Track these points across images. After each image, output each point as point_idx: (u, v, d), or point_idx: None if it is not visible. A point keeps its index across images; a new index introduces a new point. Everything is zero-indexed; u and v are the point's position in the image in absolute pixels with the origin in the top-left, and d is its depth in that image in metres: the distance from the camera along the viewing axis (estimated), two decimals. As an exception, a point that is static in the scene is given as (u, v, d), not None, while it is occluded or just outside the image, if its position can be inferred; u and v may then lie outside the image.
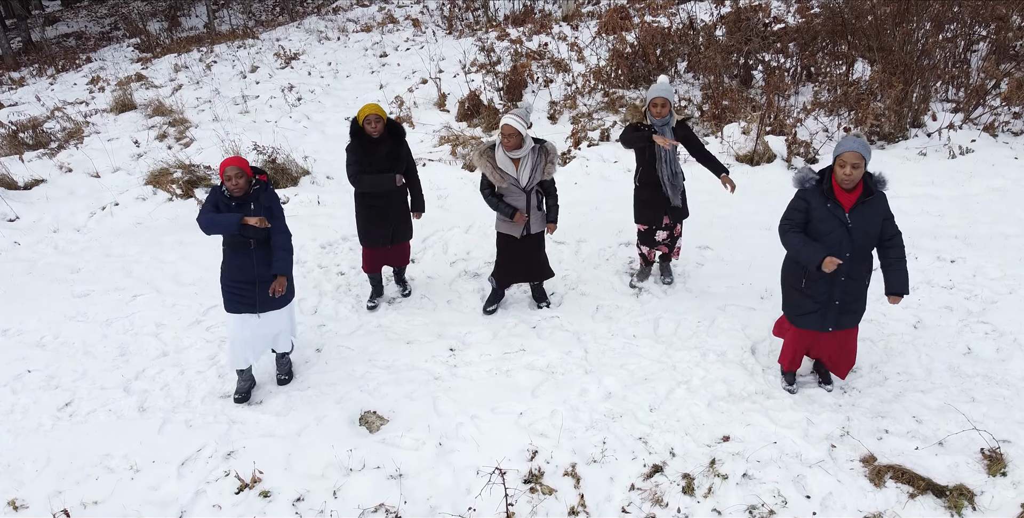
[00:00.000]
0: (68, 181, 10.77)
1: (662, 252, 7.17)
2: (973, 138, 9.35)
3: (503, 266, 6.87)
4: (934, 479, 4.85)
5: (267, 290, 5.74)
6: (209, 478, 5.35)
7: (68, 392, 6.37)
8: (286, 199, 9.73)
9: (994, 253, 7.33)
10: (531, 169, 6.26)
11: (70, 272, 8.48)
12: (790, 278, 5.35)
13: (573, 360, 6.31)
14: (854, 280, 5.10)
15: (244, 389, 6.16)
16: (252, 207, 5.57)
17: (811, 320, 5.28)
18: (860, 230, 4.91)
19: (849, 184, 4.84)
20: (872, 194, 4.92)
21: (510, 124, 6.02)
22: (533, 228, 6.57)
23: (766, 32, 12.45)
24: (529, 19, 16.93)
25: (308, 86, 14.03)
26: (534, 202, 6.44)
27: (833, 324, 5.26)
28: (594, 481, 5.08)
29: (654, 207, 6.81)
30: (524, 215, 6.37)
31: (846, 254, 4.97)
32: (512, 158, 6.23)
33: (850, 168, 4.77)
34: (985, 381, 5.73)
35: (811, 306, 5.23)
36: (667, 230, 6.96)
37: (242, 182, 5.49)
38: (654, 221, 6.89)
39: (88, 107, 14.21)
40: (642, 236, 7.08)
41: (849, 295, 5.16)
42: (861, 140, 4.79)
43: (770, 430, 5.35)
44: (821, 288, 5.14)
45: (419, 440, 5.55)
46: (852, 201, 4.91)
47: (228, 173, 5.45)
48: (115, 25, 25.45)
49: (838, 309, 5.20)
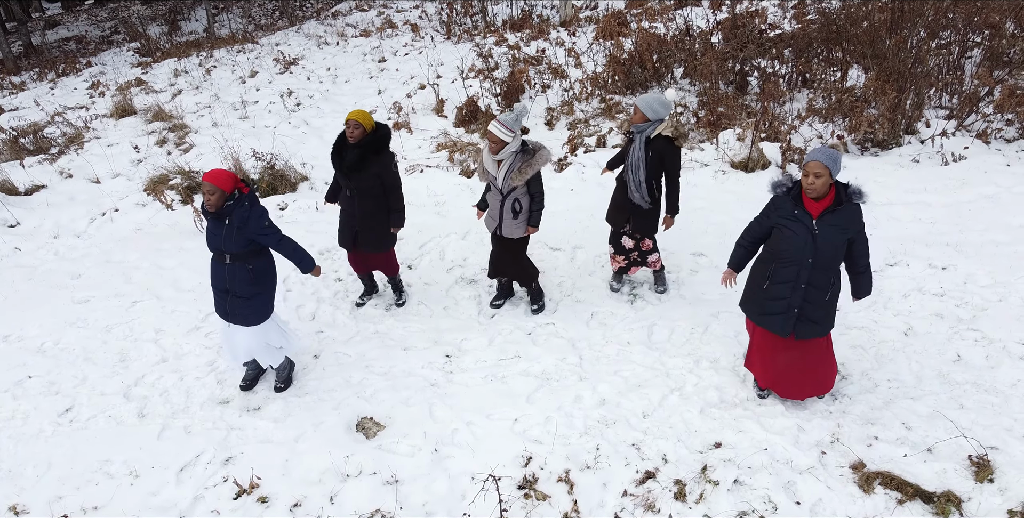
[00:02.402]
0: (68, 187, 10.83)
1: (622, 265, 7.18)
2: (966, 145, 9.40)
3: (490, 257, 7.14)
4: (922, 485, 4.91)
5: (236, 303, 5.85)
6: (208, 484, 5.41)
7: (68, 398, 6.44)
8: (284, 205, 9.79)
9: (985, 261, 7.39)
10: (506, 171, 6.39)
11: (70, 278, 8.54)
12: (756, 277, 5.40)
13: (568, 367, 6.37)
14: (815, 288, 5.11)
15: (249, 377, 6.37)
16: (227, 222, 5.64)
17: (771, 322, 5.30)
18: (825, 238, 4.95)
19: (812, 193, 4.91)
20: (841, 204, 4.96)
21: (491, 132, 6.23)
22: (504, 230, 6.69)
23: (762, 39, 12.50)
24: (527, 24, 17.00)
25: (307, 91, 14.08)
26: (507, 207, 6.55)
27: (792, 329, 5.26)
28: (587, 487, 5.15)
29: (619, 209, 6.87)
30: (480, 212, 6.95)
31: (808, 259, 5.01)
32: (495, 159, 6.41)
33: (812, 177, 4.85)
34: (974, 388, 5.79)
35: (772, 308, 5.27)
36: (633, 239, 7.00)
37: (214, 198, 5.51)
38: (617, 224, 6.96)
39: (88, 112, 14.27)
40: (611, 236, 7.17)
41: (808, 304, 5.16)
42: (829, 151, 4.85)
43: (761, 437, 5.41)
44: (781, 292, 5.18)
45: (415, 446, 5.62)
46: (820, 209, 4.96)
47: (203, 188, 5.54)
48: (115, 29, 25.52)
49: (797, 316, 5.21)
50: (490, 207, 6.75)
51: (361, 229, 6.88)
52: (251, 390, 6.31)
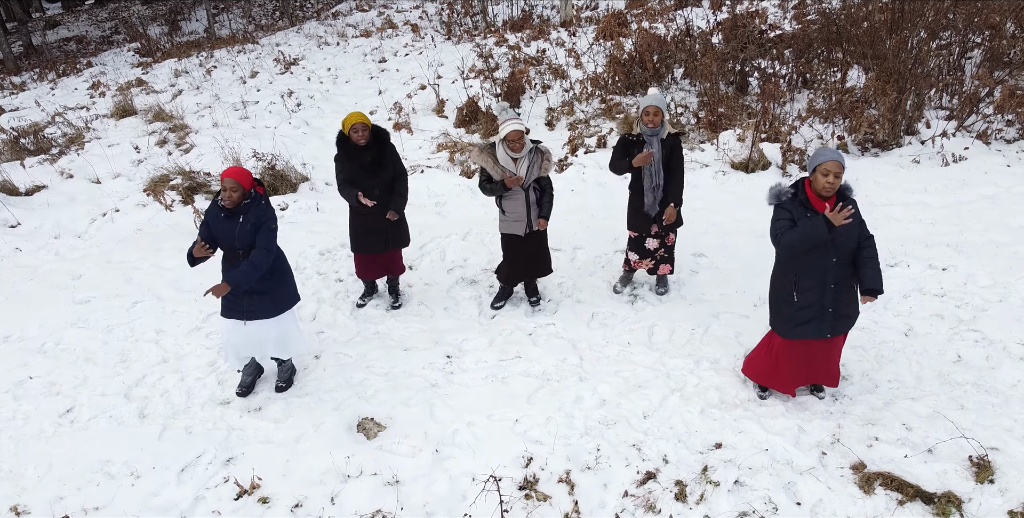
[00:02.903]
0: (69, 187, 10.84)
1: (648, 266, 7.18)
2: (966, 146, 9.42)
3: (508, 266, 7.08)
4: (923, 486, 4.91)
5: (254, 300, 5.85)
6: (208, 484, 5.41)
7: (69, 398, 6.44)
8: (285, 205, 9.80)
9: (985, 261, 7.40)
10: (528, 167, 6.51)
11: (71, 278, 8.55)
12: (780, 293, 5.37)
13: (568, 367, 6.38)
14: (842, 285, 5.17)
15: (246, 383, 6.32)
16: (241, 220, 5.65)
17: (807, 330, 5.31)
18: (841, 234, 5.02)
19: (830, 192, 4.96)
20: (845, 200, 5.05)
21: (518, 129, 6.31)
22: (535, 224, 6.77)
23: (762, 39, 12.51)
24: (527, 25, 17.01)
25: (307, 92, 14.09)
26: (532, 198, 6.66)
27: (830, 330, 5.29)
28: (588, 488, 5.15)
29: (642, 214, 6.90)
30: (517, 176, 6.49)
31: (832, 259, 5.07)
32: (513, 158, 6.47)
33: (833, 177, 4.91)
34: (975, 389, 5.80)
35: (805, 316, 5.28)
36: (658, 238, 7.02)
37: (236, 196, 5.56)
38: (643, 229, 6.97)
39: (89, 112, 14.28)
40: (632, 242, 7.16)
41: (840, 301, 5.22)
42: (836, 150, 4.96)
43: (762, 437, 5.41)
44: (812, 298, 5.20)
45: (416, 447, 5.62)
46: (829, 208, 5.02)
47: (224, 184, 5.55)
48: (116, 29, 25.53)
49: (832, 316, 5.25)
50: (511, 212, 6.72)
51: (394, 226, 7.04)
52: (248, 396, 6.29)
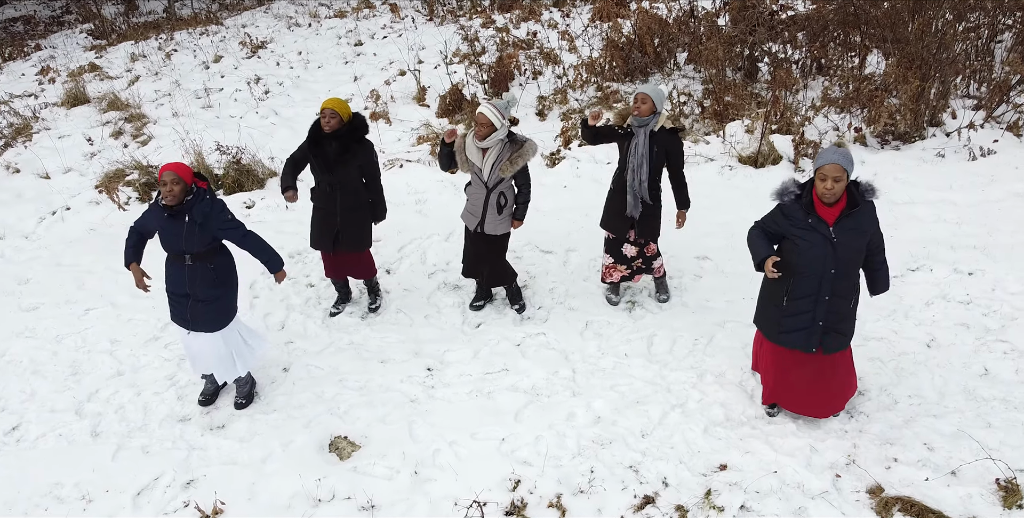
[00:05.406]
0: (15, 183, 10.80)
1: (624, 274, 7.14)
2: (995, 138, 9.44)
3: (463, 255, 7.17)
4: (945, 512, 4.94)
5: (198, 308, 5.86)
6: (167, 509, 5.42)
7: (15, 415, 6.43)
8: (251, 203, 9.78)
9: (1015, 265, 7.41)
10: (493, 162, 6.47)
11: (17, 283, 8.52)
12: (770, 294, 5.39)
13: (560, 381, 6.39)
14: (839, 298, 5.13)
15: (209, 391, 6.40)
16: (187, 219, 5.65)
17: (794, 339, 5.31)
18: (845, 245, 4.96)
19: (830, 198, 4.88)
20: (857, 206, 4.96)
21: (483, 113, 6.33)
22: (487, 227, 6.75)
23: (773, 21, 12.52)
24: (517, 5, 17.00)
25: (276, 78, 14.06)
26: (492, 201, 6.64)
27: (817, 344, 5.27)
28: (581, 513, 5.17)
29: (620, 215, 6.81)
30: (456, 131, 6.57)
31: (830, 270, 5.02)
32: (480, 147, 6.47)
33: (831, 182, 4.81)
34: (1003, 405, 5.82)
35: (793, 325, 5.27)
36: (637, 246, 6.98)
37: (177, 189, 5.54)
38: (620, 231, 6.90)
39: (37, 100, 14.21)
40: (608, 244, 7.09)
41: (833, 314, 5.19)
42: (843, 151, 4.84)
43: (770, 458, 5.43)
44: (803, 307, 5.18)
45: (393, 468, 5.63)
46: (835, 215, 4.95)
47: (164, 178, 5.53)
48: (67, 9, 25.42)
49: (822, 329, 5.23)
50: (470, 202, 6.80)
51: (343, 226, 6.94)
52: (211, 405, 6.32)
